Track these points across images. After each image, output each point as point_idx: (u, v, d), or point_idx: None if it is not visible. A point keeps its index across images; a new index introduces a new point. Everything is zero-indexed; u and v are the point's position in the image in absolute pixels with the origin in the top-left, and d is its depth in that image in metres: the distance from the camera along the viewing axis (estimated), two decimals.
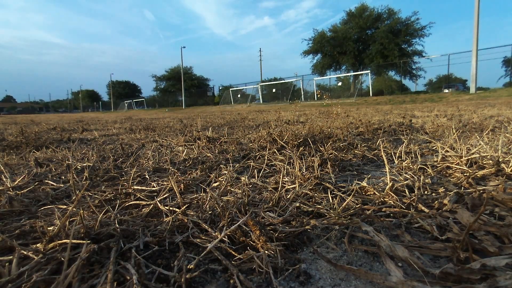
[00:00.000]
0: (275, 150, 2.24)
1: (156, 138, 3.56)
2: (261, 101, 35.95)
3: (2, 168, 1.74)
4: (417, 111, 7.70)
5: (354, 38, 30.08)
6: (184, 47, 44.46)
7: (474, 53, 18.96)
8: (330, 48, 31.13)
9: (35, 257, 0.78)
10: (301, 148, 2.25)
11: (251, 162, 1.88)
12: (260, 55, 62.33)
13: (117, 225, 0.93)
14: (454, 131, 2.28)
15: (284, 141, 2.42)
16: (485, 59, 23.40)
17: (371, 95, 25.06)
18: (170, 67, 57.79)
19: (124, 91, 74.12)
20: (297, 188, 1.18)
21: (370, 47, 30.80)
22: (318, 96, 25.12)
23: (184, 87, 45.85)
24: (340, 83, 29.11)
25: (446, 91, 28.64)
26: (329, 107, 7.10)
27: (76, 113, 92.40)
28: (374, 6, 44.54)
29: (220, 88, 61.26)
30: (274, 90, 35.92)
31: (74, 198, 1.33)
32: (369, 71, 26.06)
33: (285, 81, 35.09)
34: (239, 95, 38.65)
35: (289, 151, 2.01)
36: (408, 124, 3.88)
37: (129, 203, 1.21)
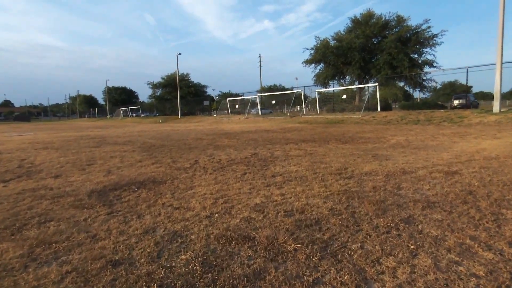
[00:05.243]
0: None
1: None
2: (259, 112, 33.88)
3: None
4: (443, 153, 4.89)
5: (359, 48, 27.87)
6: (179, 53, 42.61)
7: (498, 67, 16.77)
8: (334, 58, 28.88)
9: None
10: None
11: None
12: (260, 61, 60.50)
13: None
14: None
15: None
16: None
17: (379, 109, 22.86)
18: (166, 73, 55.92)
19: (121, 98, 72.35)
20: None
21: (377, 57, 28.66)
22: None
23: (180, 95, 43.93)
24: (344, 96, 26.80)
25: (457, 102, 26.43)
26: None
27: (73, 118, 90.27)
28: (382, 12, 42.49)
29: (217, 97, 59.31)
30: (273, 102, 33.86)
31: None
32: (377, 84, 23.87)
33: (285, 92, 33.15)
34: (236, 106, 36.63)
35: None
36: None
37: None
